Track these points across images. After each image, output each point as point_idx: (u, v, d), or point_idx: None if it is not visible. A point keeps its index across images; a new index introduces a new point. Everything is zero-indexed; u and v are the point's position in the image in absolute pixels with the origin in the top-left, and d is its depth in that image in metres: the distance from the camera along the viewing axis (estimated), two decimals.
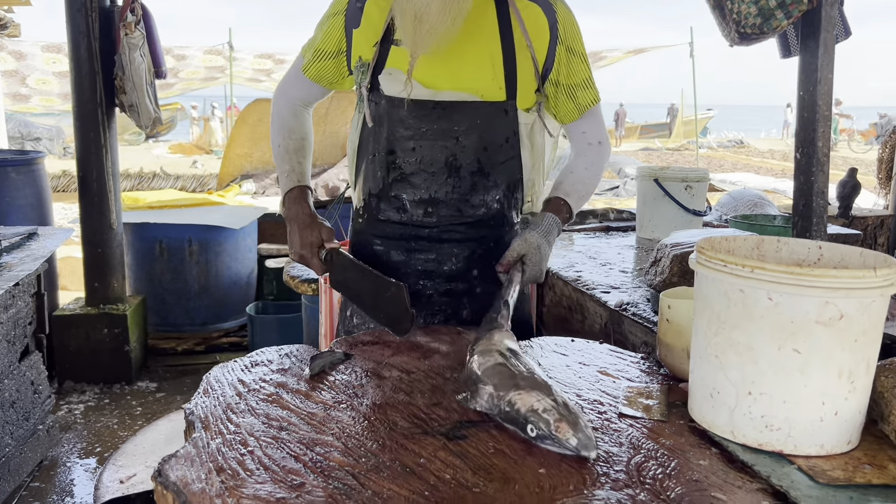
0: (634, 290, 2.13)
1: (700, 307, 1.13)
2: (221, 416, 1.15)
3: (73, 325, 4.04)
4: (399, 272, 1.69)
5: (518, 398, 1.08)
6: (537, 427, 1.04)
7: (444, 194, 1.66)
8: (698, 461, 1.04)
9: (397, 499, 0.92)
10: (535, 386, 1.09)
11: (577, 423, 1.02)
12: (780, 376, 1.03)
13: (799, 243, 1.22)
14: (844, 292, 0.98)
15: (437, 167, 1.65)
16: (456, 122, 1.62)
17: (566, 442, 1.01)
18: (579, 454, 1.00)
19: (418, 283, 1.69)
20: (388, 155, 1.66)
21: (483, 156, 1.65)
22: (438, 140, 1.63)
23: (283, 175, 1.74)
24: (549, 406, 1.05)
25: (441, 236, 1.69)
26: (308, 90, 1.81)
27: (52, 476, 3.16)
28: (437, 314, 1.70)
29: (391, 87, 1.64)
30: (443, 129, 1.63)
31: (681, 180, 2.84)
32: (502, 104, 1.64)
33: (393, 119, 1.64)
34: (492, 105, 1.63)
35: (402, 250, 1.70)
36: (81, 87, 3.99)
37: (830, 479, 0.98)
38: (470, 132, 1.63)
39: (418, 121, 1.63)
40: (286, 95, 1.82)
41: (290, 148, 1.77)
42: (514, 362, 1.18)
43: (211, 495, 0.93)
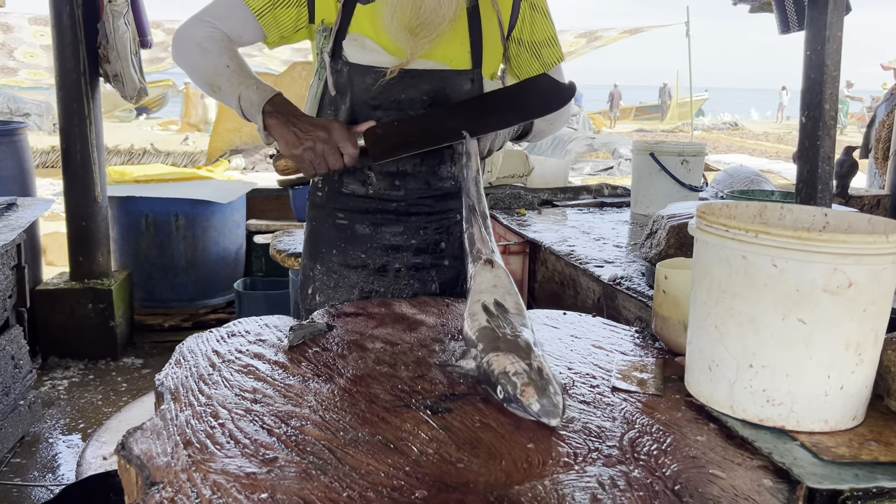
0: (629, 265, 2.07)
1: (699, 276, 1.07)
2: (193, 387, 1.09)
3: (57, 300, 3.97)
4: (365, 246, 1.64)
5: (495, 359, 1.07)
6: (505, 389, 1.02)
7: (413, 167, 1.60)
8: (695, 437, 0.99)
9: (376, 474, 0.87)
10: (514, 348, 1.08)
11: (544, 390, 1.00)
12: (784, 348, 0.97)
13: (804, 210, 1.16)
14: (854, 259, 0.92)
15: None
16: (424, 91, 1.56)
17: (529, 406, 0.99)
18: (540, 420, 0.98)
19: (385, 258, 1.64)
20: (350, 125, 1.57)
21: None
22: (406, 110, 1.56)
23: (251, 88, 1.45)
24: (521, 370, 1.03)
25: (409, 210, 1.63)
26: (245, 32, 1.55)
27: (33, 452, 3.10)
28: (405, 289, 1.65)
29: (355, 54, 1.55)
30: (411, 98, 1.56)
31: (677, 154, 2.78)
32: (468, 73, 1.58)
33: (357, 88, 1.56)
34: (459, 74, 1.58)
35: (368, 224, 1.63)
36: (64, 57, 3.88)
37: (835, 457, 0.93)
38: (437, 102, 1.57)
39: (385, 90, 1.55)
40: (208, 22, 1.53)
41: (244, 67, 1.50)
42: (500, 322, 1.16)
43: (176, 470, 0.87)
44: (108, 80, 3.99)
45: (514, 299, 1.23)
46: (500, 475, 0.87)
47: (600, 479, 0.87)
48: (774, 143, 19.79)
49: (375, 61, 1.54)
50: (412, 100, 1.56)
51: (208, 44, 1.52)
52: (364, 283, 1.63)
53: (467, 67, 1.58)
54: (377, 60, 1.54)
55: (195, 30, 1.54)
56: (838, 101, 1.30)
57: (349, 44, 1.55)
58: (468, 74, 1.58)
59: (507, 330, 1.14)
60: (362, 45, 1.54)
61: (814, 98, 1.29)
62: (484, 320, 1.17)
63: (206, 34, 1.53)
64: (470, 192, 1.44)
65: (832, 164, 1.30)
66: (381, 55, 1.54)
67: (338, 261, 1.66)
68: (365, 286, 1.64)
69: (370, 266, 1.63)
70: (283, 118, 1.43)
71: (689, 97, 17.53)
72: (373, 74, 1.54)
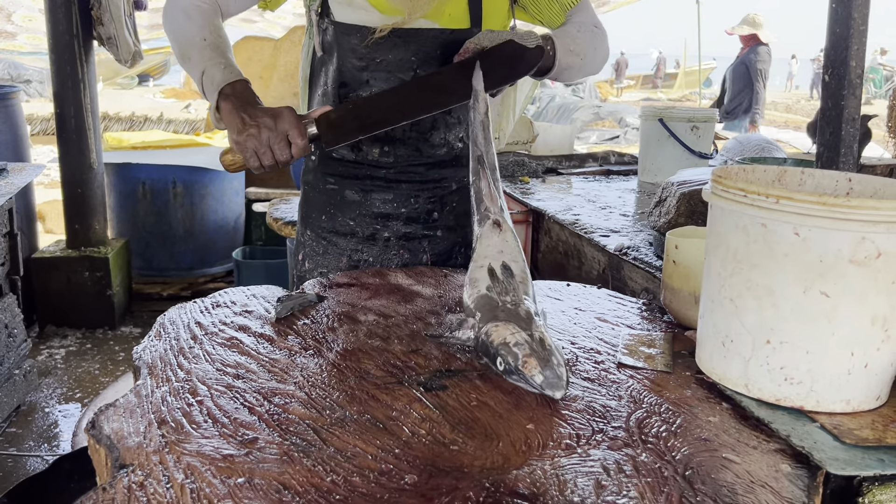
0: (636, 234, 1.99)
1: (713, 245, 0.99)
2: (171, 361, 1.02)
3: (54, 268, 3.91)
4: (354, 213, 1.57)
5: (494, 330, 1.01)
6: (506, 361, 0.97)
7: (402, 132, 1.52)
8: (707, 418, 0.92)
9: (363, 457, 0.80)
10: (514, 318, 1.02)
11: (547, 361, 0.95)
12: (805, 323, 0.90)
13: (826, 174, 1.08)
14: (885, 226, 0.85)
15: None
16: (413, 52, 1.46)
17: (531, 378, 0.94)
18: (544, 392, 0.93)
19: (374, 226, 1.57)
20: (340, 88, 1.50)
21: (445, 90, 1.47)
22: (394, 72, 1.47)
23: (218, 66, 1.36)
24: (522, 340, 0.98)
25: (399, 177, 1.55)
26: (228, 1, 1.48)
27: (29, 421, 3.07)
28: (395, 258, 1.58)
29: (342, 12, 1.46)
30: (398, 59, 1.46)
31: (687, 120, 2.68)
32: (465, 32, 1.47)
33: (343, 48, 1.47)
34: (453, 33, 1.47)
35: (357, 190, 1.56)
36: (56, 18, 3.78)
37: (858, 440, 0.86)
38: (428, 63, 1.47)
39: (371, 50, 1.46)
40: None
41: (221, 45, 1.41)
42: (503, 289, 1.09)
43: (148, 451, 0.80)
44: (102, 43, 3.89)
45: (519, 266, 1.15)
46: (497, 458, 0.81)
47: (605, 464, 0.80)
48: (783, 112, 19.54)
49: (363, 20, 1.45)
50: (400, 60, 1.47)
51: (194, 11, 1.44)
52: (353, 250, 1.57)
53: (464, 26, 1.48)
54: (364, 19, 1.45)
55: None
56: (864, 63, 1.21)
57: (337, 1, 1.46)
58: (465, 34, 1.47)
59: (509, 298, 1.07)
60: (350, 2, 1.45)
61: (838, 54, 1.20)
62: (484, 287, 1.11)
63: (194, 3, 1.44)
64: (477, 139, 1.29)
65: (857, 125, 1.22)
66: (369, 13, 1.45)
67: (327, 227, 1.60)
68: (353, 254, 1.57)
69: (359, 234, 1.56)
70: (236, 103, 1.32)
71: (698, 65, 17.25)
72: (358, 34, 1.45)
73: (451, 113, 1.52)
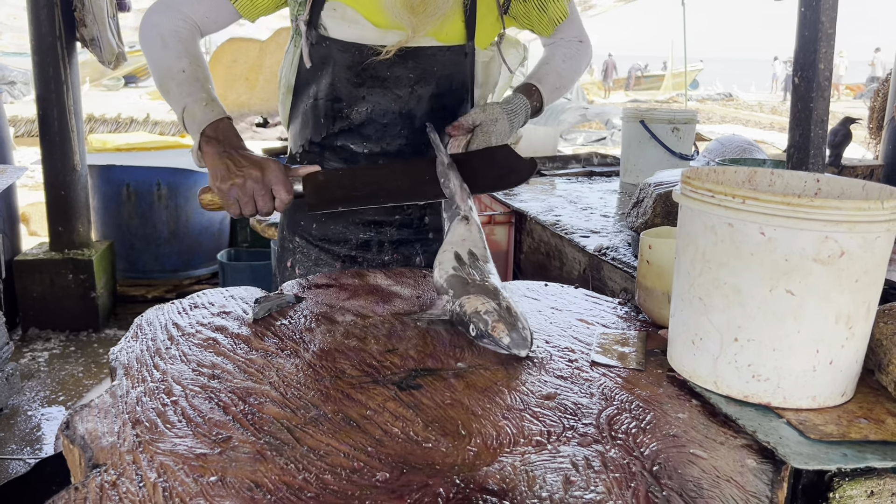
0: (615, 235, 2.01)
1: (683, 245, 1.01)
2: (148, 362, 1.03)
3: (37, 271, 3.89)
4: (347, 221, 1.58)
5: (466, 301, 1.14)
6: (477, 327, 1.10)
7: (398, 146, 1.53)
8: (677, 414, 0.94)
9: (335, 455, 0.81)
10: (483, 291, 1.15)
11: (514, 325, 1.08)
12: (771, 321, 0.92)
13: (794, 175, 1.10)
14: (847, 226, 0.87)
15: (389, 118, 1.50)
16: (411, 69, 1.47)
17: (500, 340, 1.07)
18: (511, 352, 1.07)
19: (368, 233, 1.58)
20: (334, 102, 1.50)
21: (438, 104, 1.52)
22: (392, 88, 1.48)
23: (199, 103, 1.34)
24: (492, 308, 1.11)
25: None
26: (218, 16, 1.47)
27: (12, 425, 3.05)
28: (389, 263, 1.60)
29: (336, 27, 1.44)
30: (396, 76, 1.47)
31: (668, 122, 2.70)
32: (462, 47, 1.49)
33: (339, 64, 1.46)
34: (450, 49, 1.49)
35: None
36: (39, 20, 3.76)
37: (822, 435, 0.88)
38: (426, 80, 1.49)
39: (369, 67, 1.46)
40: (178, 11, 1.43)
41: (200, 76, 1.39)
42: (469, 270, 1.21)
43: (122, 451, 0.81)
44: (85, 45, 3.87)
45: (481, 252, 1.27)
46: (468, 455, 0.82)
47: (574, 460, 0.81)
48: (769, 113, 19.67)
49: (356, 36, 1.44)
50: (398, 78, 1.47)
51: (171, 39, 1.40)
52: (346, 256, 1.58)
53: (461, 42, 1.49)
54: (360, 35, 1.44)
55: (162, 18, 1.42)
56: (832, 66, 1.23)
57: (328, 14, 1.44)
58: (461, 49, 1.49)
59: (476, 276, 1.20)
60: (343, 15, 1.43)
61: (807, 57, 1.22)
62: (451, 268, 1.22)
63: (172, 28, 1.41)
64: (440, 147, 1.40)
65: (826, 128, 1.24)
66: (363, 28, 1.43)
67: (318, 234, 1.60)
68: (347, 260, 1.58)
69: (352, 241, 1.58)
70: (219, 147, 1.30)
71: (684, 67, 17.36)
72: (355, 50, 1.44)
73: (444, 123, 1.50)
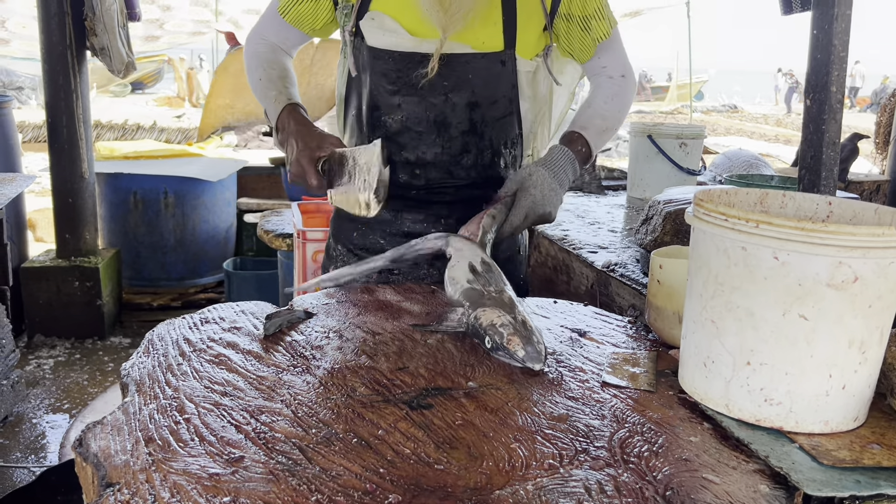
0: (623, 251, 2.01)
1: (696, 267, 1.01)
2: (160, 378, 1.03)
3: (43, 278, 3.91)
4: (384, 231, 1.59)
5: (482, 314, 1.16)
6: (493, 339, 1.12)
7: (433, 155, 1.53)
8: (689, 437, 0.93)
9: (347, 476, 0.81)
10: (499, 304, 1.17)
11: (529, 339, 1.10)
12: (784, 345, 0.92)
13: (806, 198, 1.10)
14: (861, 252, 0.87)
15: (423, 126, 1.51)
16: (445, 76, 1.47)
17: (515, 353, 1.09)
18: (525, 365, 1.08)
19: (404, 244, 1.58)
20: (372, 111, 1.52)
21: (476, 113, 1.51)
22: (427, 97, 1.48)
23: (271, 102, 1.51)
24: (507, 322, 1.13)
25: (430, 198, 1.56)
26: (286, 34, 1.61)
27: (17, 432, 3.06)
28: (425, 277, 1.58)
29: (373, 36, 1.48)
30: (430, 83, 1.47)
31: (675, 137, 2.71)
32: (499, 55, 1.48)
33: (376, 71, 1.49)
34: (485, 57, 1.48)
35: (389, 210, 1.57)
36: (49, 29, 3.79)
37: (836, 461, 0.88)
38: (460, 88, 1.48)
39: (403, 75, 1.47)
40: (263, 39, 1.62)
41: (273, 76, 1.55)
42: (485, 281, 1.23)
43: (135, 469, 0.81)
44: (95, 54, 3.90)
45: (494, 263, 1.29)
46: (481, 478, 0.82)
47: (587, 484, 0.81)
48: (774, 125, 19.68)
49: (393, 44, 1.46)
50: (432, 85, 1.47)
51: (251, 60, 1.59)
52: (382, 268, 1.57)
53: (498, 48, 1.48)
54: (395, 43, 1.46)
55: (248, 47, 1.62)
56: (844, 88, 1.24)
57: (367, 23, 1.47)
58: (499, 56, 1.48)
59: (492, 287, 1.22)
60: (381, 24, 1.46)
61: (819, 80, 1.22)
62: (466, 281, 1.24)
63: (252, 51, 1.60)
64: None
65: (837, 149, 1.24)
66: (400, 36, 1.46)
67: (358, 243, 1.62)
68: (383, 272, 1.57)
69: None
70: (283, 136, 1.47)
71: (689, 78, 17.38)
72: (389, 58, 1.46)
73: (483, 136, 1.52)
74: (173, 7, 10.92)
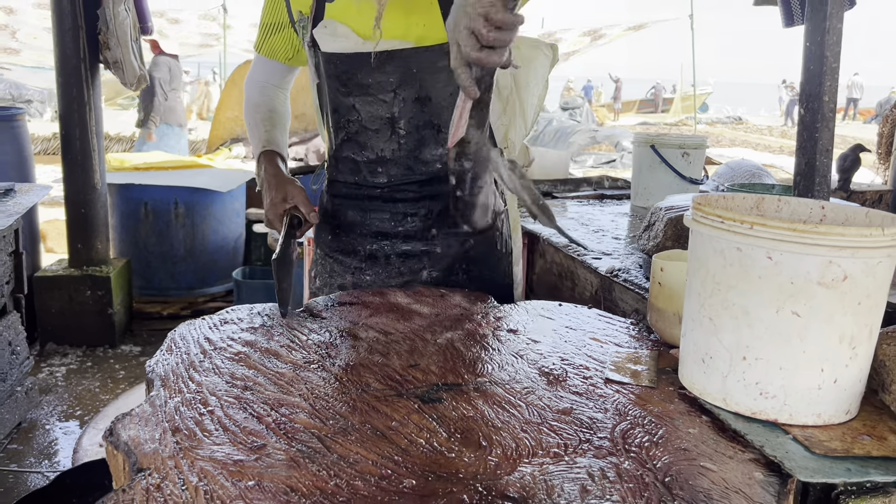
0: (627, 257, 2.06)
1: (694, 268, 1.06)
2: (183, 374, 1.08)
3: (56, 287, 3.97)
4: (354, 233, 1.64)
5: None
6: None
7: (391, 152, 1.57)
8: (687, 429, 0.98)
9: (364, 463, 0.86)
10: None
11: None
12: (778, 341, 0.96)
13: (801, 203, 1.15)
14: (850, 251, 0.91)
15: (378, 124, 1.55)
16: (390, 73, 1.50)
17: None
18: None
19: (374, 244, 1.62)
20: (334, 114, 1.58)
21: (428, 107, 1.52)
22: (377, 95, 1.53)
23: (255, 146, 1.68)
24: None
25: (394, 196, 1.60)
26: (269, 70, 1.72)
27: (30, 438, 3.11)
28: (395, 276, 1.62)
29: (326, 42, 1.54)
30: (378, 82, 1.51)
31: (678, 147, 2.76)
32: (443, 46, 1.45)
33: (330, 76, 1.55)
34: (429, 50, 1.48)
35: (357, 210, 1.63)
36: (64, 42, 3.87)
37: (827, 450, 0.92)
38: (407, 84, 1.51)
39: (354, 76, 1.53)
40: (253, 80, 1.75)
41: (257, 120, 1.69)
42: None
43: (164, 456, 0.86)
44: (108, 67, 3.98)
45: None
46: (490, 465, 0.87)
47: (590, 471, 0.86)
48: (778, 137, 19.73)
49: (342, 47, 1.51)
50: (380, 83, 1.51)
51: (245, 104, 1.74)
52: (355, 269, 1.63)
53: (442, 40, 1.46)
54: (344, 46, 1.51)
55: (245, 92, 1.75)
56: (837, 98, 1.29)
57: (320, 32, 1.53)
58: (444, 48, 1.44)
59: None
60: (333, 31, 1.52)
61: (813, 90, 1.28)
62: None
63: (247, 95, 1.74)
64: None
65: (830, 156, 1.29)
66: (348, 40, 1.50)
67: (333, 246, 1.67)
68: (356, 272, 1.63)
69: (360, 252, 1.63)
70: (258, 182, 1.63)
71: (693, 91, 17.47)
72: (339, 62, 1.52)
73: (441, 130, 1.53)
74: (182, 20, 11.06)
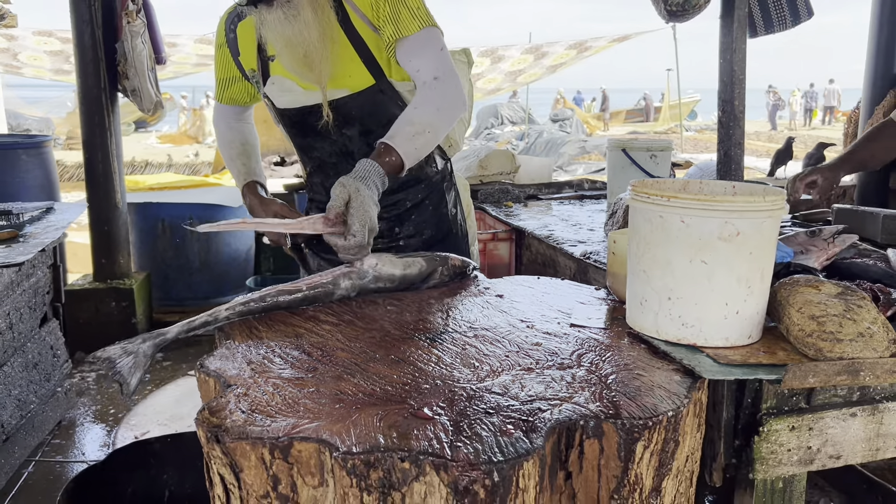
0: (599, 243, 2.39)
1: (632, 234, 1.39)
2: (246, 329, 1.41)
3: (83, 299, 4.28)
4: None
5: None
6: None
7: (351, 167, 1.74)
8: (629, 353, 1.31)
9: (391, 377, 1.19)
10: None
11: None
12: (692, 284, 1.29)
13: (717, 184, 1.48)
14: (739, 213, 1.25)
15: (335, 158, 1.84)
16: (335, 118, 1.74)
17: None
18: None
19: None
20: (299, 151, 1.89)
21: (371, 137, 1.70)
22: (328, 136, 1.80)
23: (236, 179, 1.89)
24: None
25: None
26: (233, 111, 1.97)
27: (70, 434, 3.41)
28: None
29: (277, 98, 1.80)
30: (326, 126, 1.76)
31: (646, 150, 3.10)
32: (375, 87, 1.71)
33: (286, 125, 1.85)
34: (362, 93, 1.70)
35: None
36: (86, 74, 4.20)
37: (729, 361, 1.25)
38: (350, 123, 1.76)
39: (306, 124, 1.79)
40: (220, 118, 1.98)
41: (234, 155, 1.91)
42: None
43: (244, 377, 1.19)
44: (126, 95, 4.31)
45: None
46: (480, 375, 1.20)
47: (553, 376, 1.19)
48: (765, 141, 20.12)
49: (291, 101, 1.77)
50: (325, 125, 1.75)
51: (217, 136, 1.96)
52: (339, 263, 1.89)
53: (371, 83, 1.69)
54: (292, 100, 1.77)
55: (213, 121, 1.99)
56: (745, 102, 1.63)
57: (270, 88, 1.80)
58: (376, 88, 1.69)
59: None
60: (281, 86, 1.77)
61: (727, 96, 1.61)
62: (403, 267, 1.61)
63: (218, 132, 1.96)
64: None
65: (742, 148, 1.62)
66: (295, 94, 1.75)
67: (317, 248, 1.98)
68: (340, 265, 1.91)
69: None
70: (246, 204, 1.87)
71: (678, 99, 17.90)
72: (290, 114, 1.78)
73: None
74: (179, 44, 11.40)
